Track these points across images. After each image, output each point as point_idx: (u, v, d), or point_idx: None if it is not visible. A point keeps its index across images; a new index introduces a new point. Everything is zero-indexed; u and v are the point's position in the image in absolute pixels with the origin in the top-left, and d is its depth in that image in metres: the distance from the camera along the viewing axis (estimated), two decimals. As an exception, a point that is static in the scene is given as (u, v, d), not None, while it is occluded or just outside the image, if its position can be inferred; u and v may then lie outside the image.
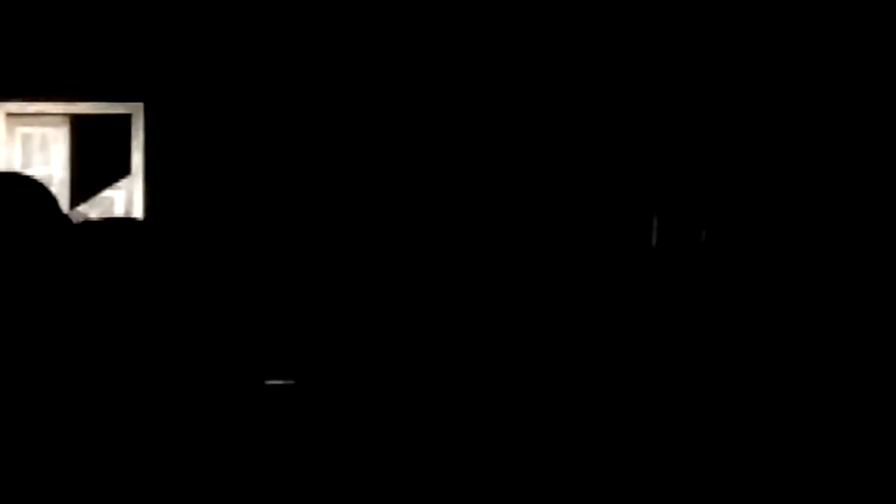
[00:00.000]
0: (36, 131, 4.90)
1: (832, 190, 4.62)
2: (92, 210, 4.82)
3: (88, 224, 2.28)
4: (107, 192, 4.89)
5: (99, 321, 2.12)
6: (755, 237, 4.66)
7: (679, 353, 4.55)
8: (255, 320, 4.66)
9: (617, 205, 4.75)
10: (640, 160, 4.74)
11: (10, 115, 4.84)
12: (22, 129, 4.89)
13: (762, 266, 4.63)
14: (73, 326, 2.12)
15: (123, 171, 4.89)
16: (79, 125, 4.91)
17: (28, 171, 4.74)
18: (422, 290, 4.76)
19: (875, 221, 4.58)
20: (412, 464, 3.89)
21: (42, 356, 2.10)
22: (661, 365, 4.53)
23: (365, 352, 4.72)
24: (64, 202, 4.73)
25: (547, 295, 4.70)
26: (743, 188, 4.68)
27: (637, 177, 4.75)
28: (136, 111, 4.85)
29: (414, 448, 4.03)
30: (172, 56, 4.80)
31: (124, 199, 4.86)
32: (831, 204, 4.62)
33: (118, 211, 4.82)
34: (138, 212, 4.78)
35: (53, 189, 4.78)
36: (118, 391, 2.12)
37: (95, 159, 4.93)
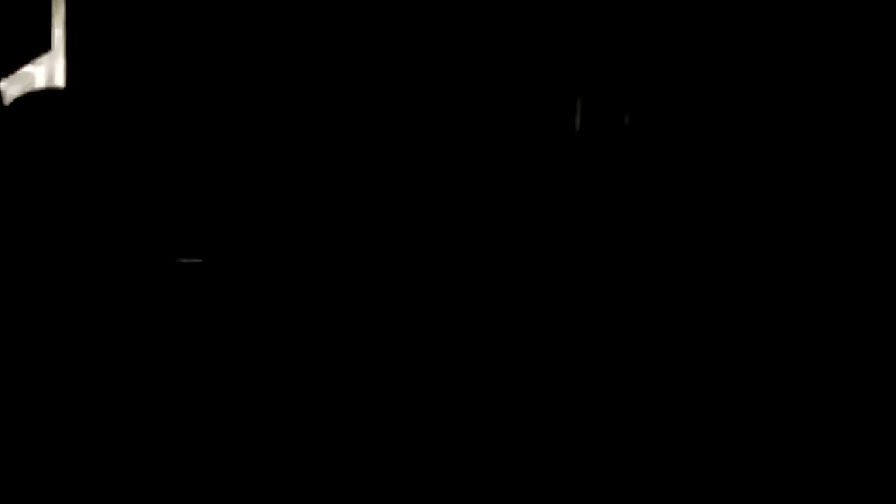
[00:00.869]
0: (-49, 5, 4.79)
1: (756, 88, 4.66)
2: (12, 87, 4.76)
3: (15, 100, 2.26)
4: (27, 69, 4.83)
5: (26, 192, 2.11)
6: (679, 122, 4.71)
7: (602, 237, 4.61)
8: (170, 198, 4.65)
9: (540, 85, 4.76)
10: (565, 40, 4.75)
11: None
12: (-64, 3, 4.79)
13: (685, 152, 4.68)
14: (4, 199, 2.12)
15: (44, 47, 4.81)
16: (-3, -1, 4.81)
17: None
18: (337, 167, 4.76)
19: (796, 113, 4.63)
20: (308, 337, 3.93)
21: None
22: (584, 251, 4.59)
23: (270, 230, 4.73)
24: (-17, 78, 4.65)
25: (466, 177, 4.72)
26: (668, 71, 4.71)
27: (561, 57, 4.76)
28: (56, -15, 4.77)
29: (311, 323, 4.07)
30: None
31: (45, 74, 4.80)
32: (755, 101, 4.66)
33: (39, 86, 4.76)
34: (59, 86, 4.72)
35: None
36: (41, 262, 2.13)
37: (14, 35, 4.84)
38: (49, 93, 2.31)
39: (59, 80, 4.76)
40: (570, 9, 4.72)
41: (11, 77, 4.79)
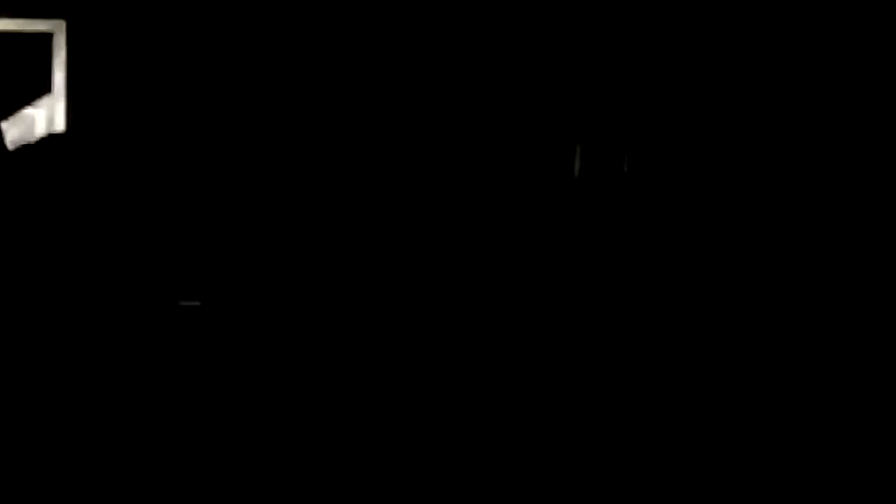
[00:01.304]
0: (-50, 48, 4.81)
1: (751, 123, 4.68)
2: (12, 128, 4.77)
3: (22, 147, 2.27)
4: (28, 111, 4.84)
5: (26, 237, 2.11)
6: (678, 167, 4.72)
7: (601, 280, 4.61)
8: (170, 241, 4.65)
9: (539, 132, 4.77)
10: (563, 86, 4.77)
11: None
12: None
13: (684, 196, 4.69)
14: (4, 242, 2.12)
15: (45, 89, 4.83)
16: (-3, 42, 4.84)
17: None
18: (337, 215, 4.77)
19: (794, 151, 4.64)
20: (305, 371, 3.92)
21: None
22: (581, 291, 4.59)
23: (268, 274, 4.73)
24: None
25: (469, 222, 4.73)
26: (666, 117, 4.73)
27: (560, 103, 4.78)
28: (58, 29, 4.79)
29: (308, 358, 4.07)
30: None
31: (45, 117, 4.81)
32: (751, 139, 4.68)
33: (39, 129, 4.78)
34: (60, 130, 4.73)
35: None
36: (40, 310, 2.12)
37: (16, 77, 4.86)
38: (50, 139, 2.31)
39: (59, 122, 4.77)
40: (571, 59, 4.75)
41: (12, 119, 4.80)
